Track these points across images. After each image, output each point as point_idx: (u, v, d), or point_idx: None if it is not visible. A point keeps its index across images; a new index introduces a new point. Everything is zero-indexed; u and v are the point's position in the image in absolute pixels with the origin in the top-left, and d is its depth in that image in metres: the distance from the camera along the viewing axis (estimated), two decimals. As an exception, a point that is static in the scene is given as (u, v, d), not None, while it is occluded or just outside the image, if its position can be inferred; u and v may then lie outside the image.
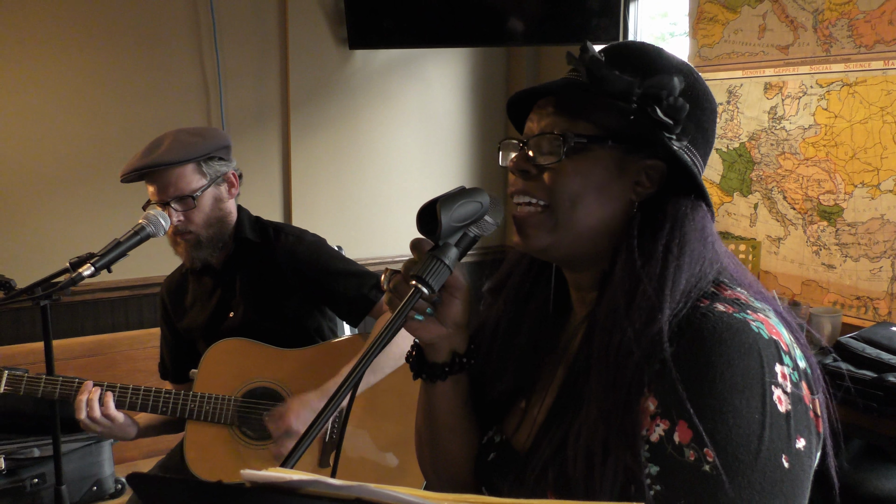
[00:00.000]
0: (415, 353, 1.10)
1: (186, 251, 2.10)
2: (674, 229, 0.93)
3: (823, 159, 2.70)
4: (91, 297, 3.20)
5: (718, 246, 0.98)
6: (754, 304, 0.91)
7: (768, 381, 0.83)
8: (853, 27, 2.58)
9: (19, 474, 2.57)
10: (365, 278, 2.15)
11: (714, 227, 0.99)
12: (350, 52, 3.67)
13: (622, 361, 0.88)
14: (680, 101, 0.93)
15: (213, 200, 2.10)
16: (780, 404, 0.82)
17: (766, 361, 0.84)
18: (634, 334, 0.87)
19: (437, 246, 0.99)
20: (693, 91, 0.98)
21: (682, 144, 0.96)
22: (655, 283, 0.90)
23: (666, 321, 0.87)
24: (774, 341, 0.86)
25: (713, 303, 0.89)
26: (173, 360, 2.32)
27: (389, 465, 2.11)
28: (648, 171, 0.96)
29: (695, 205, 0.96)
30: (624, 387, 0.87)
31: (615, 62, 0.96)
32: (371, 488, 0.55)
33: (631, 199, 0.97)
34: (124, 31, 3.18)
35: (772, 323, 0.88)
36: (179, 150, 2.01)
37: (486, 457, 1.10)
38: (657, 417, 0.85)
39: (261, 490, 0.57)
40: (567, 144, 0.95)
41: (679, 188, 0.96)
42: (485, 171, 4.16)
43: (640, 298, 0.89)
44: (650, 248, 0.93)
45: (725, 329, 0.85)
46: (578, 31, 3.45)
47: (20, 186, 3.07)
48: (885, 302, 2.55)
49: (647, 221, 0.95)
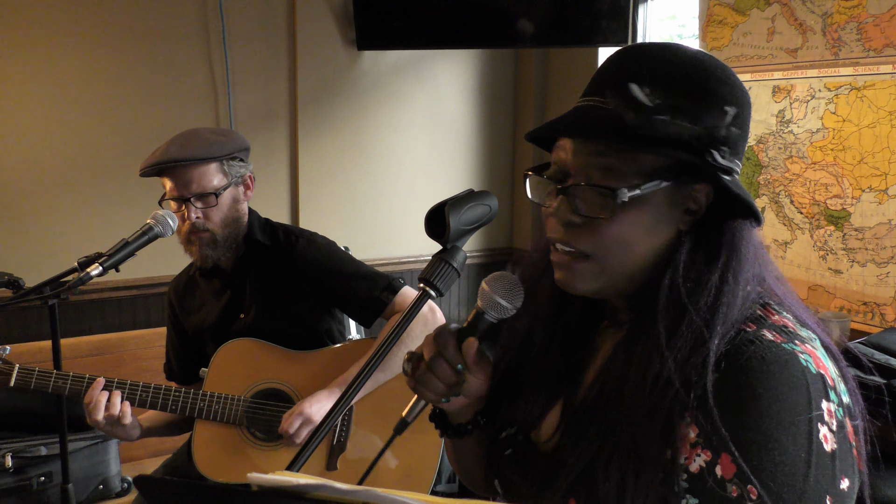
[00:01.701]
0: (438, 414, 1.13)
1: (200, 250, 2.10)
2: (731, 259, 0.89)
3: (831, 163, 2.69)
4: (99, 297, 3.21)
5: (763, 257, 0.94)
6: (801, 333, 0.87)
7: (815, 419, 0.80)
8: (862, 30, 2.57)
9: (26, 472, 2.58)
10: (376, 280, 2.16)
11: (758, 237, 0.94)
12: (358, 53, 3.67)
13: (661, 392, 0.85)
14: (732, 132, 0.88)
15: (232, 200, 2.11)
16: (826, 443, 0.80)
17: (814, 397, 0.81)
18: (675, 364, 0.84)
19: (445, 249, 0.99)
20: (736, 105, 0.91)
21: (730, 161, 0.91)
22: (706, 313, 0.86)
23: (711, 353, 0.83)
24: (822, 376, 0.83)
25: (760, 329, 0.85)
26: (179, 361, 2.33)
27: (396, 468, 2.11)
28: (696, 195, 0.91)
29: (747, 227, 0.91)
30: (661, 416, 0.84)
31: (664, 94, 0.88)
32: (378, 493, 0.56)
33: (679, 229, 0.92)
34: (133, 31, 3.19)
35: (819, 355, 0.85)
36: (206, 148, 2.02)
37: (503, 451, 1.09)
38: (698, 447, 0.82)
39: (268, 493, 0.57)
40: (621, 199, 0.87)
41: (729, 209, 0.91)
42: (493, 173, 4.16)
43: (685, 329, 0.86)
44: (702, 276, 0.88)
45: (774, 360, 0.81)
46: (587, 33, 3.45)
47: (29, 186, 3.08)
48: (892, 308, 2.54)
49: (697, 247, 0.90)
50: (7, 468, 2.53)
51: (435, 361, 0.99)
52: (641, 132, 0.86)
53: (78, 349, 2.99)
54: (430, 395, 1.02)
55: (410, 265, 3.90)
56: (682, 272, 0.89)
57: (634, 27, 3.45)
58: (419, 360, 1.02)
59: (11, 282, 2.01)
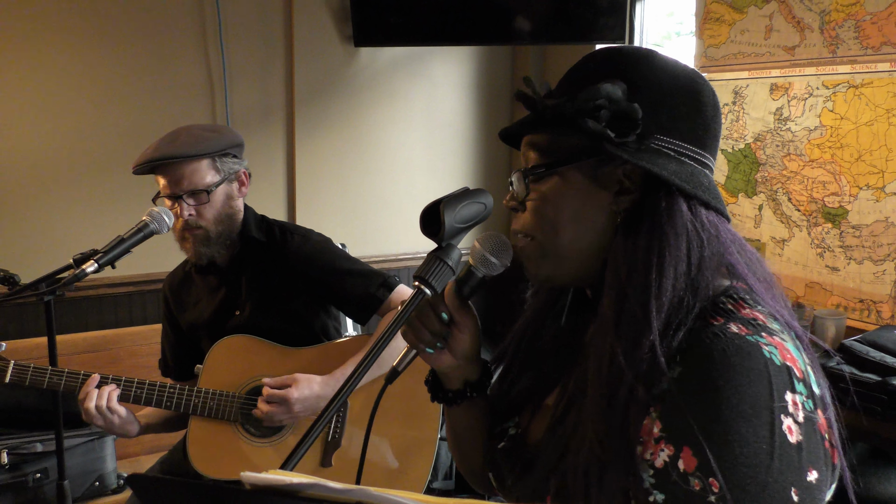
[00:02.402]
0: (432, 379, 1.17)
1: (194, 246, 2.10)
2: (652, 233, 0.90)
3: (829, 161, 2.69)
4: (94, 293, 3.21)
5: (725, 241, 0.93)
6: (771, 326, 0.86)
7: (777, 410, 0.79)
8: (860, 28, 2.57)
9: (22, 469, 2.58)
10: (371, 277, 2.16)
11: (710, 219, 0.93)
12: (355, 50, 3.67)
13: (614, 382, 0.86)
14: (623, 103, 0.90)
15: (225, 197, 2.10)
16: (791, 434, 0.79)
17: (777, 389, 0.80)
18: (624, 354, 0.85)
19: (441, 247, 0.99)
20: (650, 81, 0.94)
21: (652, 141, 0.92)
22: (639, 295, 0.87)
23: (655, 338, 0.84)
24: (787, 367, 0.82)
25: (728, 322, 0.85)
26: (175, 357, 2.32)
27: (391, 466, 2.11)
28: (628, 177, 0.94)
29: (671, 201, 0.91)
30: (619, 409, 0.85)
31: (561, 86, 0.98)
32: (371, 492, 0.55)
33: (613, 210, 0.94)
34: (130, 28, 3.18)
35: (787, 347, 0.84)
36: (196, 145, 2.02)
37: (497, 444, 1.12)
38: (661, 441, 0.82)
39: (261, 492, 0.57)
40: (527, 178, 0.97)
41: (660, 185, 0.91)
42: (489, 171, 4.15)
43: (627, 314, 0.88)
44: (632, 258, 0.90)
45: (735, 352, 0.81)
46: (585, 30, 3.45)
47: (24, 183, 3.07)
48: (889, 305, 2.55)
49: (629, 230, 0.92)
50: (3, 465, 2.53)
51: (422, 308, 1.05)
52: (532, 115, 0.96)
53: (74, 346, 2.98)
54: (416, 342, 1.06)
55: (406, 262, 3.90)
56: (620, 254, 0.91)
57: (632, 24, 3.45)
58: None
59: (7, 278, 2.00)
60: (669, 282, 0.87)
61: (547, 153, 0.97)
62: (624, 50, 0.98)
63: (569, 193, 0.95)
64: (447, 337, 1.07)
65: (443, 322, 1.05)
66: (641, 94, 0.92)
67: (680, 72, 0.96)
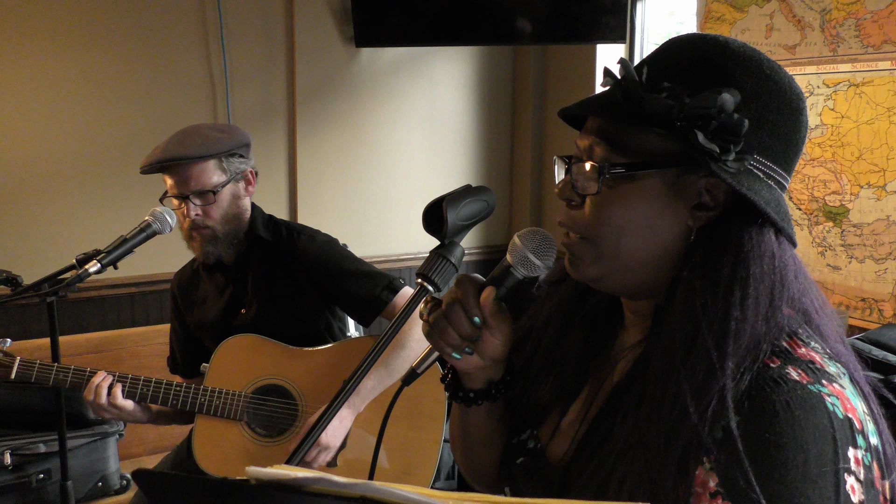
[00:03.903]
0: (450, 377, 1.06)
1: (201, 246, 2.11)
2: (737, 264, 0.82)
3: (829, 160, 2.69)
4: (97, 294, 3.21)
5: (802, 280, 0.86)
6: (829, 370, 0.81)
7: (842, 469, 0.75)
8: (860, 27, 2.57)
9: (25, 470, 2.58)
10: (377, 279, 2.16)
11: (794, 256, 0.86)
12: (356, 50, 3.67)
13: (677, 420, 0.79)
14: (735, 116, 0.81)
15: (231, 197, 2.11)
16: (854, 494, 0.75)
17: (841, 446, 0.75)
18: (692, 391, 0.79)
19: (443, 244, 0.99)
20: (762, 91, 0.85)
21: (748, 161, 0.83)
22: (716, 333, 0.80)
23: (727, 383, 0.77)
24: (849, 420, 0.77)
25: (785, 364, 0.79)
26: (184, 354, 2.33)
27: (395, 468, 2.11)
28: (710, 191, 0.85)
29: (761, 232, 0.83)
30: (677, 447, 0.78)
31: (660, 73, 0.86)
32: (376, 486, 0.56)
33: (688, 225, 0.86)
34: (131, 28, 3.19)
35: (847, 395, 0.79)
36: (203, 145, 2.02)
37: (515, 459, 1.06)
38: (718, 497, 0.76)
39: (266, 487, 0.57)
40: (603, 175, 0.85)
41: (747, 211, 0.83)
42: (491, 170, 4.16)
43: (699, 348, 0.80)
44: (711, 287, 0.82)
45: (800, 406, 0.76)
46: (585, 30, 3.45)
47: (27, 183, 3.07)
48: (890, 304, 2.55)
49: (709, 253, 0.84)
50: (6, 465, 2.53)
51: (451, 308, 0.94)
52: (627, 107, 0.84)
53: (76, 346, 2.98)
54: (442, 346, 0.96)
55: (408, 262, 3.90)
56: (697, 278, 0.83)
57: (633, 24, 3.45)
58: (437, 306, 0.96)
59: (10, 279, 2.01)
60: (749, 323, 0.80)
61: (627, 151, 0.86)
62: (734, 46, 0.87)
63: (645, 198, 0.86)
64: (477, 340, 0.96)
65: (475, 326, 0.94)
66: (749, 107, 0.84)
67: (787, 85, 0.87)
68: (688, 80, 0.84)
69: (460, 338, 0.94)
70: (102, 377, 1.99)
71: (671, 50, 0.89)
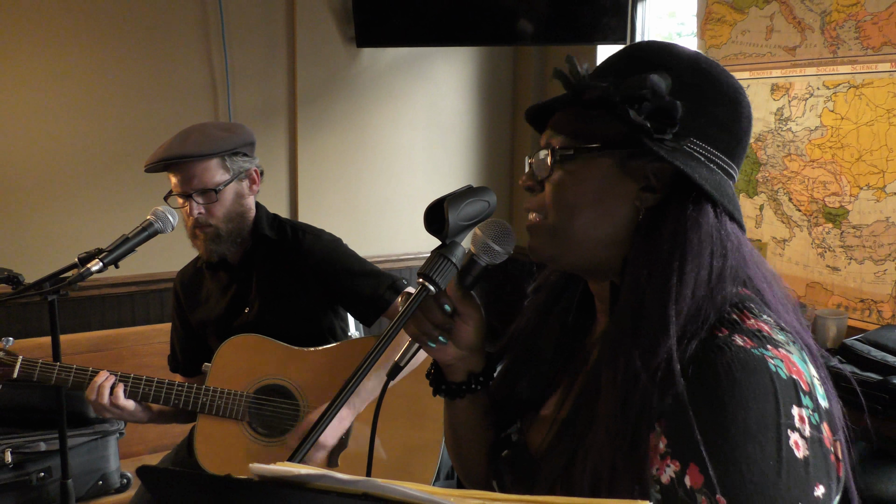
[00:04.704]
0: (434, 371, 1.14)
1: (205, 244, 2.11)
2: (675, 237, 0.88)
3: (829, 161, 2.70)
4: (98, 293, 3.21)
5: (746, 253, 0.92)
6: (777, 337, 0.85)
7: (784, 426, 0.78)
8: (860, 29, 2.57)
9: (25, 468, 2.59)
10: (380, 279, 2.16)
11: (734, 230, 0.92)
12: (357, 51, 3.68)
13: (630, 385, 0.84)
14: (666, 98, 0.88)
15: (235, 195, 2.11)
16: (798, 450, 0.78)
17: (783, 404, 0.79)
18: (640, 357, 0.84)
19: (444, 244, 1.00)
20: (697, 83, 0.93)
21: (686, 143, 0.90)
22: (659, 299, 0.85)
23: (673, 344, 0.82)
24: (793, 381, 0.81)
25: (732, 333, 0.84)
26: (184, 353, 2.33)
27: (396, 467, 2.12)
28: (655, 175, 0.92)
29: (698, 208, 0.89)
30: (633, 412, 0.83)
31: (604, 70, 0.96)
32: (378, 483, 0.56)
33: (636, 205, 0.92)
34: (132, 28, 3.19)
35: (793, 360, 0.83)
36: (206, 144, 2.03)
37: (500, 452, 1.11)
38: (667, 457, 0.81)
39: (269, 484, 0.58)
40: (555, 157, 0.94)
41: (687, 188, 0.90)
42: (491, 171, 4.16)
43: (645, 317, 0.86)
44: (654, 260, 0.88)
45: (741, 368, 0.80)
46: (586, 31, 3.45)
47: (28, 182, 3.08)
48: (889, 305, 2.55)
49: (651, 230, 0.90)
50: (6, 464, 2.54)
51: (424, 300, 1.01)
52: (571, 94, 0.92)
53: (77, 345, 2.99)
54: (418, 335, 1.04)
55: (408, 262, 3.91)
56: (642, 255, 0.89)
57: (633, 25, 3.46)
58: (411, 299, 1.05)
59: (11, 277, 2.01)
60: (689, 289, 0.86)
61: (579, 136, 0.94)
62: (673, 47, 0.96)
63: (594, 178, 0.93)
64: (451, 329, 1.04)
65: (446, 314, 1.02)
66: (685, 94, 0.90)
67: (724, 80, 0.95)
68: (627, 75, 0.91)
69: (433, 326, 1.02)
70: (105, 377, 1.99)
71: (618, 55, 0.98)
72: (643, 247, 0.90)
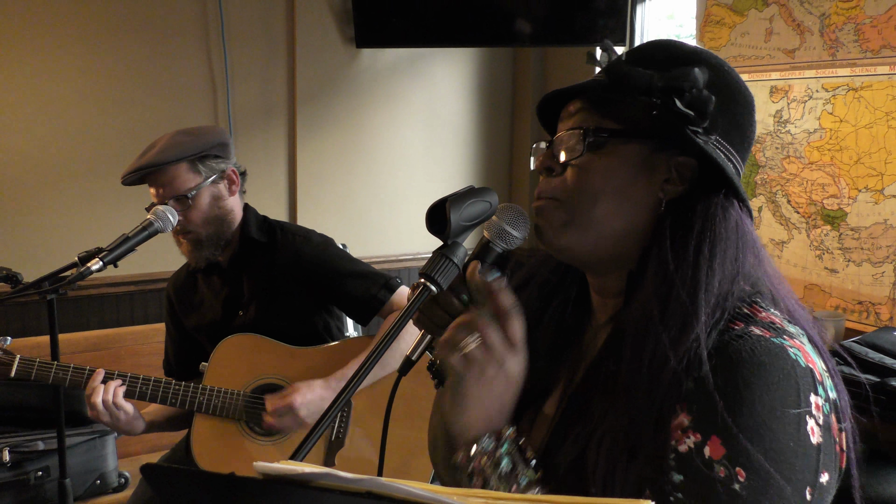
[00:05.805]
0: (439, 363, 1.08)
1: (189, 251, 2.11)
2: (704, 229, 0.90)
3: (828, 163, 2.70)
4: (97, 292, 3.21)
5: (760, 251, 0.94)
6: (789, 329, 0.88)
7: (804, 411, 0.81)
8: (860, 32, 2.58)
9: (24, 467, 2.58)
10: (373, 278, 2.16)
11: (751, 227, 0.94)
12: (357, 51, 3.68)
13: (657, 369, 0.85)
14: (704, 92, 0.90)
15: (211, 198, 2.10)
16: (813, 435, 0.81)
17: (803, 390, 0.82)
18: (670, 341, 0.84)
19: (446, 245, 0.99)
20: (723, 84, 0.95)
21: (712, 139, 0.93)
22: (689, 287, 0.87)
23: (703, 328, 0.84)
24: (810, 370, 0.83)
25: (748, 325, 0.86)
26: (178, 357, 2.33)
27: (393, 468, 2.12)
28: (679, 168, 0.93)
29: (726, 202, 0.92)
30: (659, 396, 0.84)
31: (639, 60, 0.95)
32: (381, 482, 0.56)
33: (659, 197, 0.93)
34: (132, 27, 3.19)
35: (807, 350, 0.86)
36: (171, 150, 2.02)
37: None
38: (689, 431, 0.82)
39: (273, 482, 0.58)
40: (588, 139, 0.93)
41: (712, 186, 0.93)
42: (491, 171, 4.16)
43: (674, 304, 0.86)
44: (682, 250, 0.89)
45: (764, 353, 0.82)
46: (585, 32, 3.46)
47: (28, 181, 3.08)
48: (887, 307, 2.56)
49: (678, 222, 0.92)
50: (4, 463, 2.53)
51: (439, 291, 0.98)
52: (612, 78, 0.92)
53: (75, 344, 2.99)
54: (433, 328, 0.99)
55: (407, 263, 3.91)
56: (668, 246, 0.90)
57: (632, 26, 3.46)
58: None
59: (10, 276, 2.01)
60: (717, 277, 0.87)
61: (611, 117, 0.94)
62: (699, 48, 0.99)
63: (623, 166, 0.94)
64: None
65: (463, 304, 0.98)
66: (714, 92, 0.92)
67: (743, 84, 0.98)
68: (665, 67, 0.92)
69: (450, 318, 0.97)
70: (103, 375, 1.99)
71: (646, 48, 1.00)
72: (670, 238, 0.90)
